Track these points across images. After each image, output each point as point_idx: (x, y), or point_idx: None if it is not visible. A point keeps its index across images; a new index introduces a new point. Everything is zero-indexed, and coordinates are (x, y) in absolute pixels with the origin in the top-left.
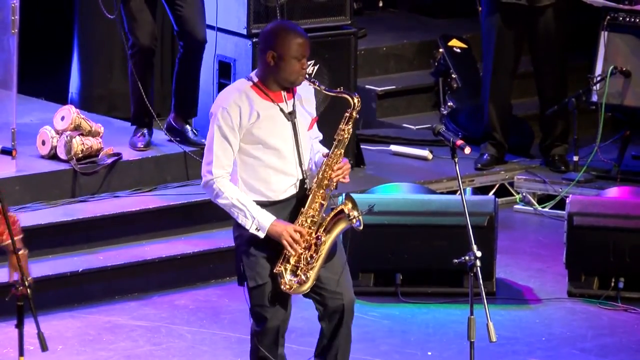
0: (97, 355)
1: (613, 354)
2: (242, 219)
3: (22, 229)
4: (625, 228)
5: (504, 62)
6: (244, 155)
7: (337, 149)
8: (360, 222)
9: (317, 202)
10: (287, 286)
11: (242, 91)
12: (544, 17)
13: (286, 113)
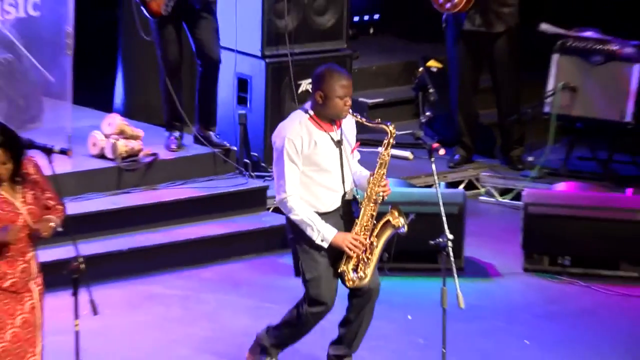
0: (138, 318)
1: (560, 318)
2: (310, 232)
3: (75, 215)
4: (570, 216)
5: (467, 80)
6: (301, 175)
7: (380, 169)
8: (405, 228)
9: (369, 214)
10: (351, 282)
11: (302, 123)
12: (499, 42)
13: (335, 141)
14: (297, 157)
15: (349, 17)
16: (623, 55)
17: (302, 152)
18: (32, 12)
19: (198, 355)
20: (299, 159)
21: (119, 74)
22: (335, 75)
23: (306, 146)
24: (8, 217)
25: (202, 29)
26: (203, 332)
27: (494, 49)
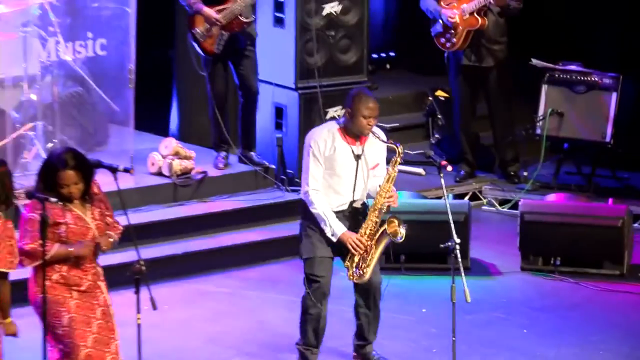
0: (192, 312)
1: (553, 310)
2: (323, 225)
3: (137, 225)
4: (560, 222)
5: (466, 107)
6: (319, 172)
7: (387, 183)
8: (402, 236)
9: (373, 220)
10: (352, 277)
11: (330, 130)
12: (491, 74)
13: (355, 154)
14: (320, 157)
15: (368, 54)
16: (602, 85)
17: (324, 154)
18: (100, 52)
19: (243, 344)
20: (321, 158)
21: (173, 103)
22: (363, 98)
23: (327, 149)
24: (81, 231)
25: (244, 65)
26: (248, 324)
27: (487, 80)
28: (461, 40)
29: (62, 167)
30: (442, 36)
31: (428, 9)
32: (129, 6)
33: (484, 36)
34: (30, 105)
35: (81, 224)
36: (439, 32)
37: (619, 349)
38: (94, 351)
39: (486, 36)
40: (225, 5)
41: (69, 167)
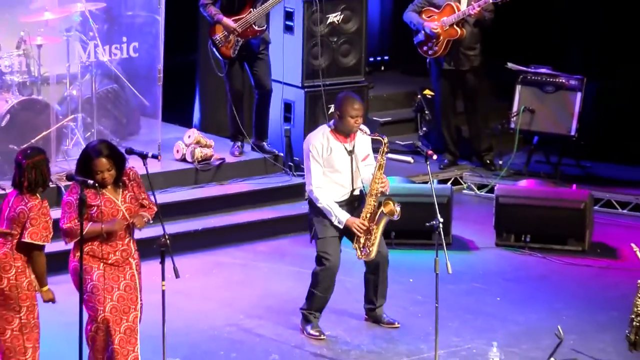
0: (209, 280)
1: (523, 281)
2: (330, 216)
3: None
4: (530, 205)
5: (447, 104)
6: (319, 171)
7: (378, 171)
8: (398, 215)
9: (371, 205)
10: (361, 256)
11: (324, 134)
12: (468, 76)
13: (348, 150)
14: (319, 158)
15: (366, 58)
16: (569, 86)
17: (322, 155)
18: (133, 54)
19: (253, 308)
20: (320, 160)
21: (196, 99)
22: (349, 101)
23: (325, 151)
24: (111, 212)
25: (258, 67)
26: (257, 291)
27: (465, 82)
28: (442, 48)
29: (96, 156)
30: (425, 44)
31: (411, 22)
32: (158, 14)
33: (462, 44)
34: (72, 100)
35: (111, 207)
36: (422, 41)
37: (580, 315)
38: (110, 316)
39: (463, 44)
40: (241, 16)
41: (103, 155)
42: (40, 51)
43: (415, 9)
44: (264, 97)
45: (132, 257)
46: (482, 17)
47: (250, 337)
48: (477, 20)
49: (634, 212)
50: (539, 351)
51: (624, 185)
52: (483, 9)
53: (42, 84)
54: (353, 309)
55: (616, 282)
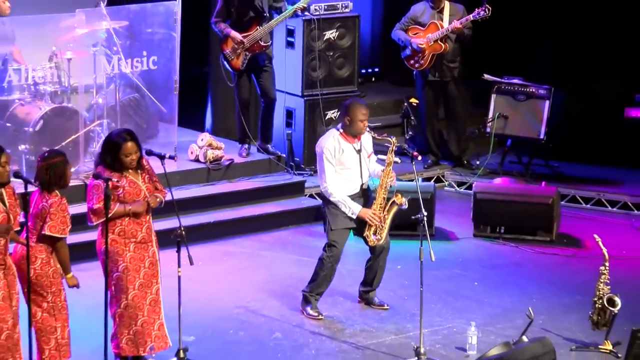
0: (219, 267)
1: (498, 268)
2: (344, 208)
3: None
4: (504, 200)
5: (431, 111)
6: (333, 170)
7: (387, 167)
8: (406, 204)
9: (382, 197)
10: (372, 242)
11: (335, 137)
12: (449, 86)
13: (356, 150)
14: (332, 159)
15: (358, 70)
16: (538, 95)
17: (335, 156)
18: (152, 66)
19: (258, 292)
20: (333, 160)
21: (208, 106)
22: (358, 107)
23: (337, 152)
24: (134, 192)
25: (264, 78)
26: (262, 277)
27: (447, 91)
28: (427, 61)
29: (123, 141)
30: (412, 58)
31: (399, 39)
32: (174, 31)
33: (445, 58)
34: (98, 107)
35: (134, 187)
36: (409, 56)
37: (548, 298)
38: (138, 292)
39: (446, 57)
40: (249, 33)
41: (129, 140)
42: (70, 64)
43: (402, 27)
44: (269, 105)
45: (153, 233)
46: (462, 34)
47: (256, 318)
48: (458, 36)
49: (597, 206)
50: (513, 330)
51: (587, 183)
52: (464, 25)
53: (71, 93)
54: (348, 293)
55: (580, 269)
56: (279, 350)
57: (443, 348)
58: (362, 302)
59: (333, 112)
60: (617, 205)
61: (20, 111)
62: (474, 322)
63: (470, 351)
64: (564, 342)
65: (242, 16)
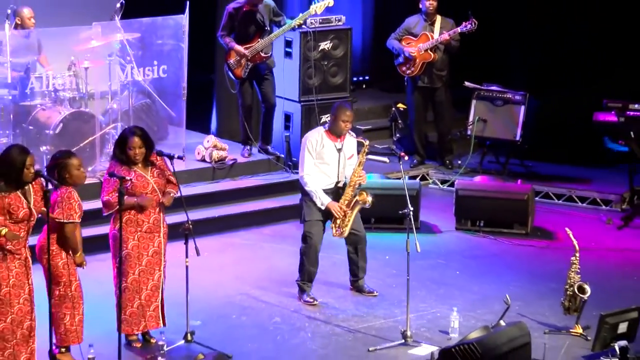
0: (223, 257)
1: (478, 258)
2: (315, 199)
3: (186, 195)
4: (483, 196)
5: (420, 115)
6: (311, 161)
7: (358, 167)
8: (369, 204)
9: (349, 193)
10: (335, 234)
11: (319, 132)
12: (437, 92)
13: (337, 148)
14: (313, 151)
15: (350, 78)
16: (514, 101)
17: (315, 149)
18: (162, 75)
19: (259, 280)
20: (313, 153)
21: (213, 111)
22: (342, 109)
23: (318, 146)
24: (142, 185)
25: (265, 85)
26: (263, 267)
27: (435, 97)
28: (418, 69)
29: (131, 135)
30: (404, 66)
31: (393, 47)
32: (182, 42)
33: (434, 66)
34: (113, 112)
35: (142, 180)
36: (401, 63)
37: (524, 286)
38: (137, 277)
39: (435, 66)
40: (251, 44)
41: (136, 135)
42: (87, 72)
43: (396, 37)
44: (269, 110)
45: (163, 225)
46: (450, 45)
47: (257, 304)
48: (446, 47)
49: (568, 202)
50: (491, 315)
51: (559, 181)
52: (451, 37)
53: (88, 99)
54: (340, 281)
55: (553, 259)
56: (278, 333)
57: (427, 331)
58: (353, 289)
59: (327, 116)
60: (586, 201)
61: (42, 115)
62: (456, 307)
63: (452, 334)
64: (538, 326)
65: (245, 29)
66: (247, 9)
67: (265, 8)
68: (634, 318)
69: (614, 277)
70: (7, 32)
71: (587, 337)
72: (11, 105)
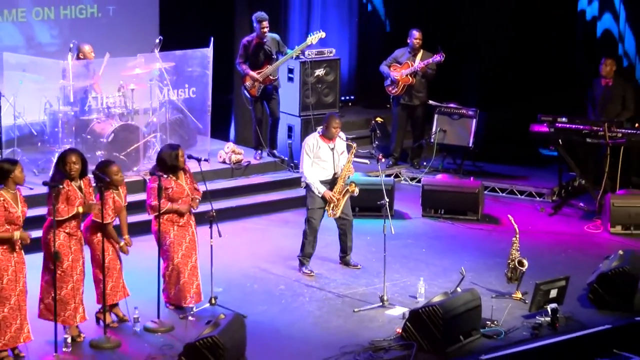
0: (240, 239)
1: (439, 239)
2: (313, 188)
3: (211, 190)
4: (444, 190)
5: (402, 127)
6: (309, 161)
7: (348, 164)
8: (356, 193)
9: (340, 184)
10: (330, 215)
11: (315, 137)
12: (417, 109)
13: (330, 148)
14: (310, 152)
15: (339, 97)
16: (467, 115)
17: (312, 150)
18: (192, 95)
19: (269, 256)
20: (311, 153)
21: (232, 123)
22: (332, 118)
23: (314, 148)
24: (180, 191)
25: (272, 103)
26: (271, 246)
27: (414, 112)
28: (400, 89)
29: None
30: (390, 87)
31: (383, 72)
32: (208, 70)
33: (414, 88)
34: (153, 124)
35: (180, 188)
36: (388, 85)
37: (476, 260)
38: (180, 260)
39: (415, 88)
40: (262, 70)
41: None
42: (133, 93)
43: (386, 64)
44: (275, 122)
45: (192, 220)
46: (427, 72)
47: (266, 275)
48: (424, 74)
49: (510, 195)
50: (450, 283)
51: (503, 178)
52: (427, 66)
53: (134, 114)
54: (331, 257)
55: (498, 239)
56: (283, 298)
57: (400, 296)
58: (341, 264)
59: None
60: (524, 194)
61: (97, 127)
62: (422, 277)
63: (419, 298)
64: (487, 292)
65: (256, 58)
66: (257, 42)
67: (273, 41)
68: (563, 286)
69: (546, 254)
70: (70, 62)
71: (525, 301)
72: (73, 119)
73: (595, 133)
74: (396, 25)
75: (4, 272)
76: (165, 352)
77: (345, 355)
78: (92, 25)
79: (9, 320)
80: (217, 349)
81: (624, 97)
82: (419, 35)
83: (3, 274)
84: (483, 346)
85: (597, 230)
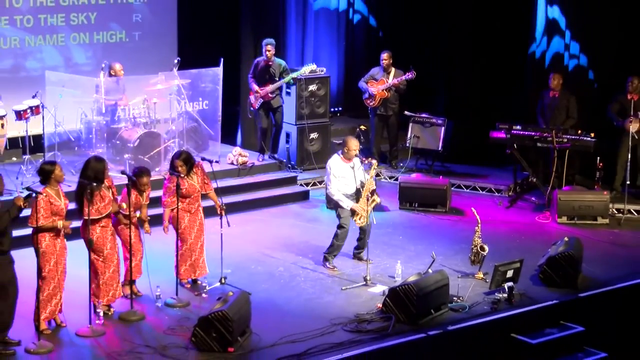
0: (246, 228)
1: (415, 228)
2: (342, 203)
3: (221, 187)
4: (417, 187)
5: (378, 134)
6: (336, 180)
7: (370, 179)
8: (380, 203)
9: (364, 197)
10: (358, 223)
11: (336, 159)
12: (390, 119)
13: (350, 167)
14: (337, 174)
15: (329, 109)
16: (437, 124)
17: (338, 172)
18: (205, 107)
19: (270, 243)
20: (337, 173)
21: (239, 130)
22: (352, 141)
23: (338, 169)
24: (192, 189)
25: (277, 115)
26: (271, 234)
27: (388, 121)
28: (377, 102)
29: (176, 158)
30: (368, 100)
31: (362, 87)
32: (218, 85)
33: (388, 101)
34: (172, 132)
35: (192, 186)
36: (366, 98)
37: (444, 246)
38: (193, 241)
39: (389, 100)
40: (264, 87)
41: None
42: (155, 105)
43: (364, 80)
44: (278, 131)
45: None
46: (399, 88)
47: (267, 258)
48: (396, 89)
49: (473, 191)
50: (423, 266)
51: (467, 177)
52: (399, 83)
53: (156, 123)
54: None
55: (463, 229)
56: (282, 278)
57: (380, 276)
58: (355, 258)
59: (314, 134)
60: (485, 190)
61: (125, 134)
62: (399, 260)
63: (397, 278)
64: (454, 272)
65: (262, 77)
66: (264, 64)
67: (278, 66)
68: (517, 267)
69: (503, 240)
70: (102, 79)
71: (486, 280)
72: (105, 128)
73: (544, 138)
74: (376, 48)
75: (51, 255)
76: (182, 324)
77: (335, 326)
78: (120, 48)
79: (52, 297)
80: (226, 321)
81: (568, 107)
82: (387, 55)
83: (50, 257)
84: (451, 318)
85: (547, 220)
